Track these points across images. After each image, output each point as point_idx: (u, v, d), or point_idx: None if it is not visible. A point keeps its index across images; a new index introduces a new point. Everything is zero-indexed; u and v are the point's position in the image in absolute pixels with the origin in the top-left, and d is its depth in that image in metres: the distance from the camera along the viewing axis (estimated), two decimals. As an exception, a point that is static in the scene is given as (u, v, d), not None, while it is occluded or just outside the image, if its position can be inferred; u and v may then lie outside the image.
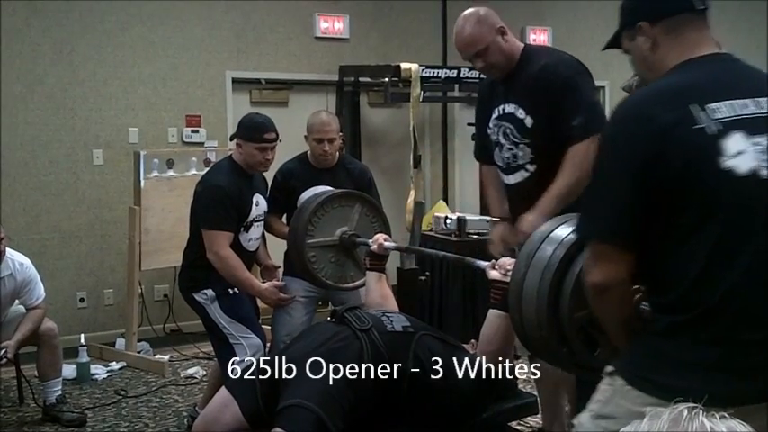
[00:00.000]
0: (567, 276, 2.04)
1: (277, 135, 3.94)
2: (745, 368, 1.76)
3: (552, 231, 2.12)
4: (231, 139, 4.10)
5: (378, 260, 3.53)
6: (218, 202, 3.81)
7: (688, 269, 1.77)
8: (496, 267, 2.80)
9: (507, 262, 2.75)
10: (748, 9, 8.96)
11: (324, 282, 3.84)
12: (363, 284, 3.69)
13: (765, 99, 1.84)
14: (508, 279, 2.55)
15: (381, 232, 3.70)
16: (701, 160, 1.75)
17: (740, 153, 1.76)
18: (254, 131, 3.89)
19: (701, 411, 1.15)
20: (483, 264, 2.88)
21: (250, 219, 3.93)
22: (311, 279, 3.86)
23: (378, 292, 3.44)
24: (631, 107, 1.87)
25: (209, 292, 3.88)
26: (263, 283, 4.09)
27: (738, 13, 8.95)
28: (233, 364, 3.79)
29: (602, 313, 1.93)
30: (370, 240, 3.58)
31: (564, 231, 2.09)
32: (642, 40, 1.96)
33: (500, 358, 2.83)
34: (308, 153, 4.25)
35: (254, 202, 3.96)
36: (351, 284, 3.89)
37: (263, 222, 4.07)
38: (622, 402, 1.80)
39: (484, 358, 2.83)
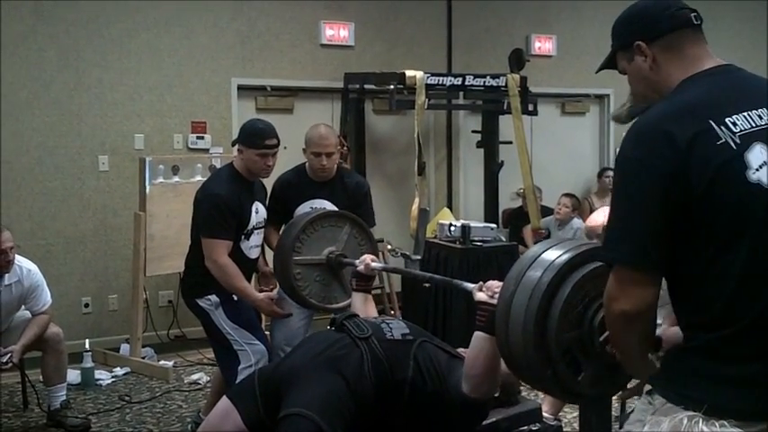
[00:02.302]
0: (556, 298, 2.02)
1: (278, 141, 3.94)
2: None
3: (541, 254, 2.10)
4: (233, 145, 4.10)
5: (364, 281, 3.47)
6: (217, 210, 3.81)
7: (722, 286, 1.74)
8: (483, 289, 2.72)
9: (495, 284, 2.66)
10: (748, 9, 8.96)
11: (308, 300, 3.80)
12: (348, 306, 3.66)
13: None
14: (494, 301, 2.51)
15: (369, 253, 3.67)
16: (728, 175, 1.73)
17: (764, 165, 1.75)
18: (256, 137, 3.88)
19: (700, 419, 1.15)
20: (470, 286, 2.82)
21: (250, 227, 3.93)
22: (295, 296, 3.82)
23: (364, 314, 3.39)
24: (650, 126, 1.80)
25: (213, 297, 3.88)
26: (261, 291, 4.10)
27: (738, 14, 8.97)
28: (241, 372, 3.80)
29: (626, 343, 1.87)
30: (357, 261, 3.53)
31: (553, 254, 2.07)
32: (641, 60, 1.94)
33: (486, 384, 2.74)
34: (307, 165, 4.24)
35: (253, 209, 3.95)
36: (335, 305, 3.83)
37: (263, 230, 4.07)
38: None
39: (465, 388, 2.75)
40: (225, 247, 3.81)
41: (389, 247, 6.37)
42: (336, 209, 4.07)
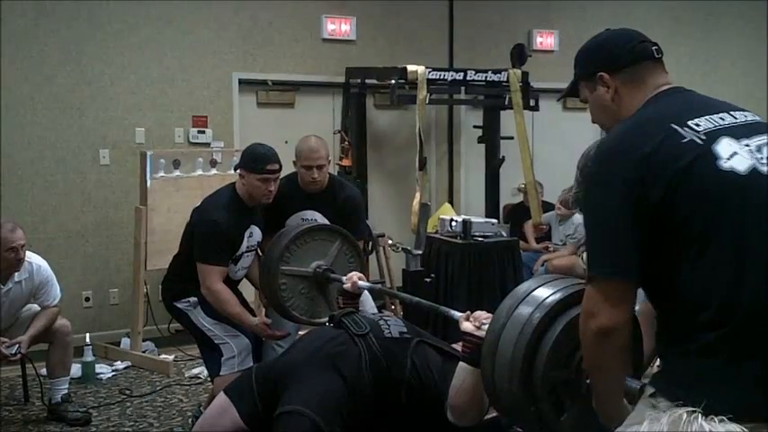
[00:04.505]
0: (545, 336, 2.00)
1: (280, 166, 3.88)
2: None
3: (533, 291, 2.09)
4: (235, 170, 4.07)
5: (350, 299, 3.40)
6: (213, 237, 3.79)
7: (713, 283, 1.73)
8: (471, 319, 2.69)
9: (482, 315, 2.64)
10: (748, 9, 8.95)
11: (290, 313, 3.76)
12: None
13: (739, 112, 1.89)
14: (480, 333, 2.50)
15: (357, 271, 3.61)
16: (699, 168, 1.75)
17: (734, 154, 1.77)
18: (257, 162, 3.81)
19: (699, 415, 1.15)
20: (457, 314, 2.78)
21: (239, 252, 3.90)
22: (278, 308, 3.79)
23: None
24: (612, 142, 1.86)
25: (192, 299, 3.91)
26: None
27: (738, 13, 8.95)
28: (224, 363, 3.82)
29: (603, 360, 1.85)
30: (344, 277, 3.48)
31: (545, 292, 2.06)
32: (603, 91, 1.99)
33: (470, 414, 2.70)
34: (298, 175, 4.17)
35: (246, 234, 3.91)
36: (318, 320, 3.75)
37: (255, 251, 4.03)
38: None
39: (450, 416, 2.73)
40: (219, 273, 3.81)
41: (390, 241, 6.37)
42: (327, 222, 4.06)
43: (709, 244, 1.73)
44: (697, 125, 1.80)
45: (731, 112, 1.87)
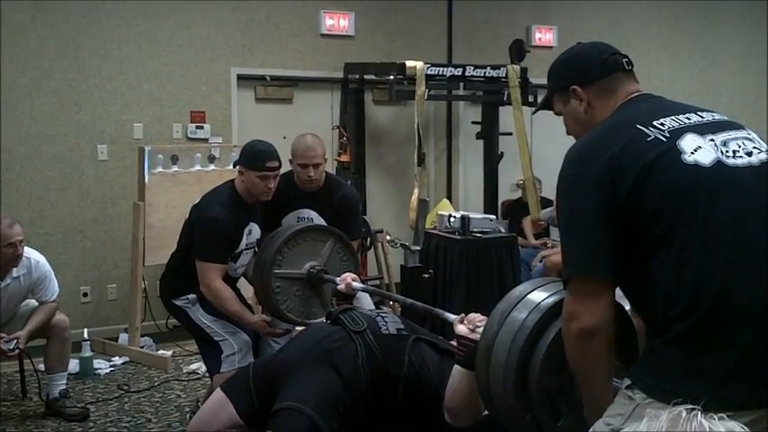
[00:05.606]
0: (540, 342, 1.99)
1: (280, 163, 3.85)
2: (758, 369, 1.72)
3: (527, 295, 2.07)
4: (234, 166, 4.05)
5: (345, 300, 3.41)
6: (213, 235, 3.77)
7: (681, 275, 1.75)
8: (465, 322, 2.66)
9: (477, 318, 2.63)
10: (748, 8, 8.95)
11: (286, 315, 3.75)
12: None
13: (707, 112, 1.93)
14: (474, 336, 2.49)
15: (350, 271, 3.62)
16: (663, 164, 1.78)
17: (699, 149, 1.81)
18: (257, 159, 3.78)
19: (699, 412, 1.15)
20: (451, 317, 2.76)
21: (239, 250, 3.89)
22: (273, 310, 3.78)
23: None
24: (585, 146, 1.90)
25: (191, 296, 3.89)
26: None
27: (738, 11, 8.95)
28: (224, 360, 3.81)
29: (588, 363, 1.86)
30: (338, 278, 3.48)
31: (539, 296, 2.05)
32: (576, 103, 2.03)
33: (464, 416, 2.68)
34: (295, 173, 4.15)
35: (245, 232, 3.90)
36: (313, 321, 3.73)
37: (254, 249, 4.02)
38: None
39: (447, 417, 2.71)
40: (218, 270, 3.79)
41: (389, 237, 6.37)
42: (323, 220, 4.05)
43: (676, 237, 1.76)
44: (662, 124, 1.85)
45: (698, 113, 1.92)
